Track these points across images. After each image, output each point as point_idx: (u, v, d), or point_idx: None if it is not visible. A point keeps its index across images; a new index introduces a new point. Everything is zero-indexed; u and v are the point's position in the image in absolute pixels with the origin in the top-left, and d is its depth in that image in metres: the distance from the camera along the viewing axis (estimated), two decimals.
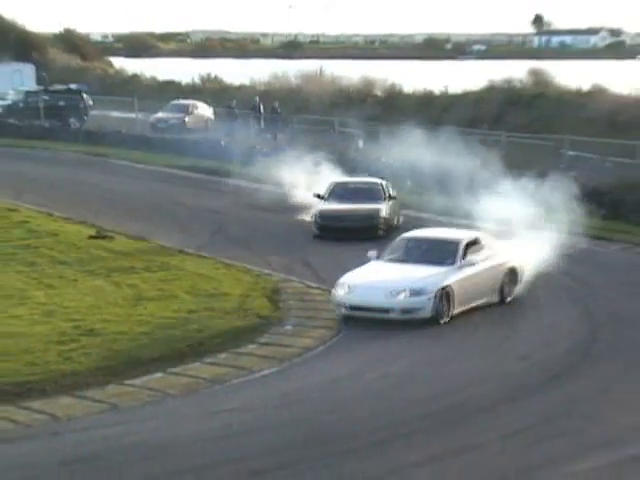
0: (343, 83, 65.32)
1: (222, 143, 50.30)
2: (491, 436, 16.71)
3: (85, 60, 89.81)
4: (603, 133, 44.90)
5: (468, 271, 24.03)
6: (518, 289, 25.40)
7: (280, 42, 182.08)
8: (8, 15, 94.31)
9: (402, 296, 23.05)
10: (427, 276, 23.54)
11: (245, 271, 27.99)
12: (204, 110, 62.85)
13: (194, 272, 27.87)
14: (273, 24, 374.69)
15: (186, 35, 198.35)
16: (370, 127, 50.74)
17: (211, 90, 71.17)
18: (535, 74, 59.23)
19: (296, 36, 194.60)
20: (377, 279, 23.89)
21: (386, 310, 23.19)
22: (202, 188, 42.76)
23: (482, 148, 38.74)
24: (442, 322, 23.13)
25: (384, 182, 34.77)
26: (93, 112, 64.44)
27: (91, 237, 32.09)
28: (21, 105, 64.05)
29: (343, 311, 23.61)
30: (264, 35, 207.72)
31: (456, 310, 23.51)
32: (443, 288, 23.19)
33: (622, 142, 42.80)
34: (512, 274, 25.12)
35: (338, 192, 34.14)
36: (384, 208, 33.11)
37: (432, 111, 53.23)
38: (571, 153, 43.49)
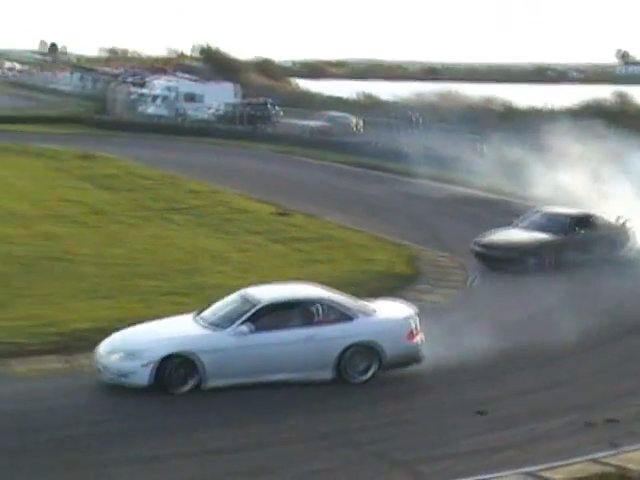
0: (469, 100, 64.66)
1: (378, 145, 50.04)
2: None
3: (274, 80, 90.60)
4: None
5: (252, 339, 15.73)
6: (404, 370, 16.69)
7: (420, 68, 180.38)
8: (217, 45, 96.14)
9: (115, 357, 15.69)
10: (160, 339, 15.77)
11: (391, 242, 27.86)
12: (349, 120, 62.55)
13: (351, 242, 27.87)
14: (416, 54, 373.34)
15: (349, 62, 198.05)
16: (491, 135, 50.08)
17: (366, 104, 71.13)
18: (619, 95, 58.33)
19: (433, 64, 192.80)
20: (123, 336, 16.37)
21: (103, 369, 15.90)
22: (361, 179, 42.72)
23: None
24: (176, 393, 15.42)
25: (583, 214, 25.92)
26: (280, 120, 64.97)
27: (274, 214, 32.32)
28: (227, 114, 65.26)
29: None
30: (408, 63, 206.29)
31: (220, 382, 15.53)
32: (178, 355, 15.43)
33: None
34: (366, 350, 16.11)
35: (528, 221, 26.29)
36: (549, 242, 24.99)
37: (538, 123, 52.34)
38: None
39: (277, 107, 66.58)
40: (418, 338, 16.62)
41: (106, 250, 25.70)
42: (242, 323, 15.83)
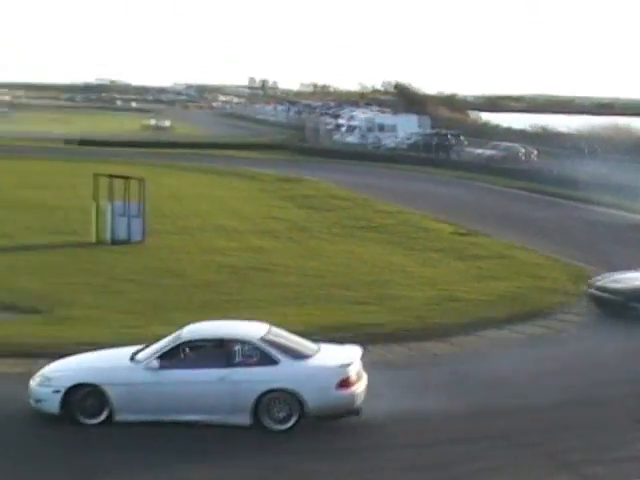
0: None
1: (554, 173, 48.96)
2: None
3: (458, 113, 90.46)
4: None
5: (163, 375, 13.61)
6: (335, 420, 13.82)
7: (592, 102, 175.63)
8: (408, 81, 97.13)
9: (34, 382, 14.12)
10: (73, 368, 14.21)
11: (562, 263, 27.15)
12: (519, 149, 61.56)
13: (521, 260, 27.40)
14: (588, 89, 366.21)
15: (526, 97, 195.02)
16: None
17: (541, 135, 70.21)
18: None
19: (604, 99, 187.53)
20: (67, 361, 14.67)
21: (28, 393, 14.20)
22: (536, 204, 41.87)
23: None
24: (88, 423, 13.62)
25: None
26: (464, 149, 64.39)
27: (454, 233, 32.08)
28: (416, 143, 65.58)
29: None
30: (581, 97, 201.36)
31: (129, 417, 13.57)
32: (86, 385, 13.68)
33: None
34: (285, 397, 13.42)
35: None
36: None
37: None
38: None
39: (462, 137, 66.60)
40: (354, 388, 13.62)
41: (305, 262, 26.24)
42: (156, 358, 13.79)
